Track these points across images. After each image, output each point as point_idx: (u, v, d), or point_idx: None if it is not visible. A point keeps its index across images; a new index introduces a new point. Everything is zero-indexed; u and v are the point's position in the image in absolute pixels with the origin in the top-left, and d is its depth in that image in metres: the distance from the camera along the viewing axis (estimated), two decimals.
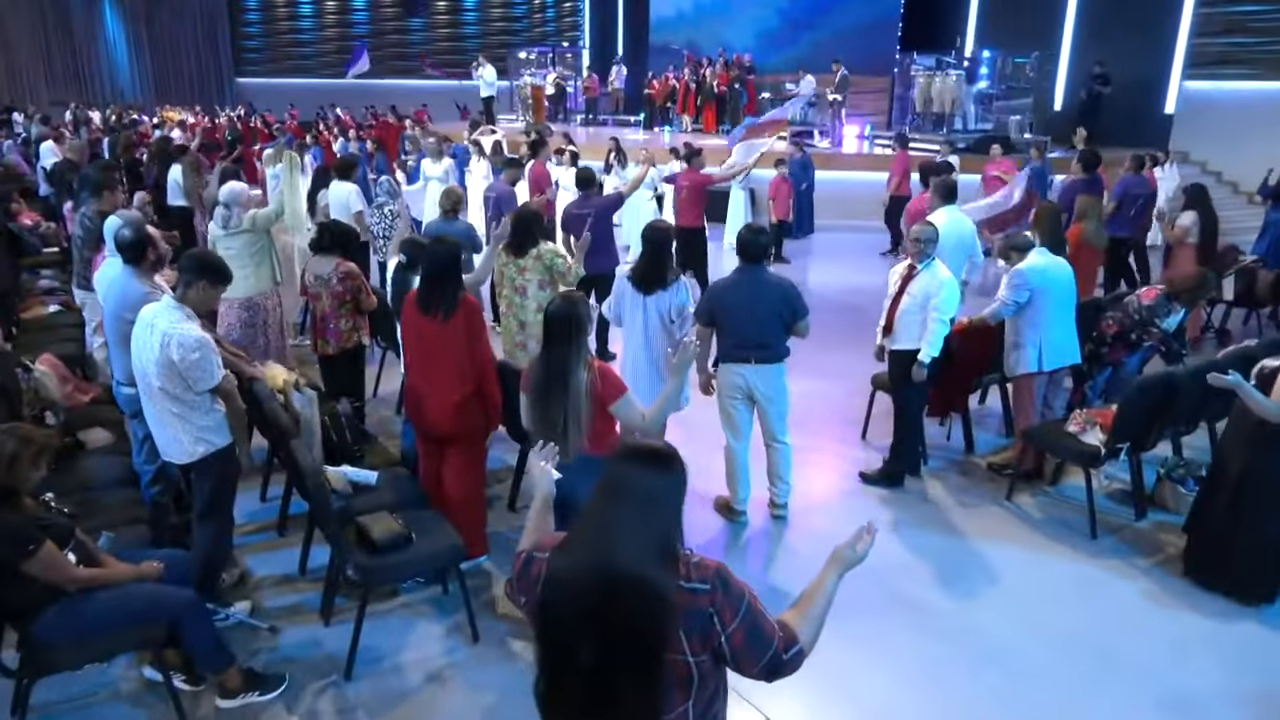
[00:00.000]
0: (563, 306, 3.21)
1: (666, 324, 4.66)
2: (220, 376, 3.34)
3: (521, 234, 5.34)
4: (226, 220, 5.51)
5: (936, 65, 16.53)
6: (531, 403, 3.29)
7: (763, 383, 4.46)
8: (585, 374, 3.19)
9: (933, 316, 4.74)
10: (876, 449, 5.67)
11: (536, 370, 3.28)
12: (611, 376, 3.27)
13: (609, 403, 3.24)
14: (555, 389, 3.18)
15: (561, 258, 5.34)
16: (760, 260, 4.42)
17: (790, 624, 1.87)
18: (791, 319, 4.41)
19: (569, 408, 3.16)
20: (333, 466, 3.95)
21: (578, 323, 3.19)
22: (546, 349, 3.25)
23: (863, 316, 8.66)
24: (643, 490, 1.74)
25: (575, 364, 3.17)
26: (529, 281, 5.35)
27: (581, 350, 3.21)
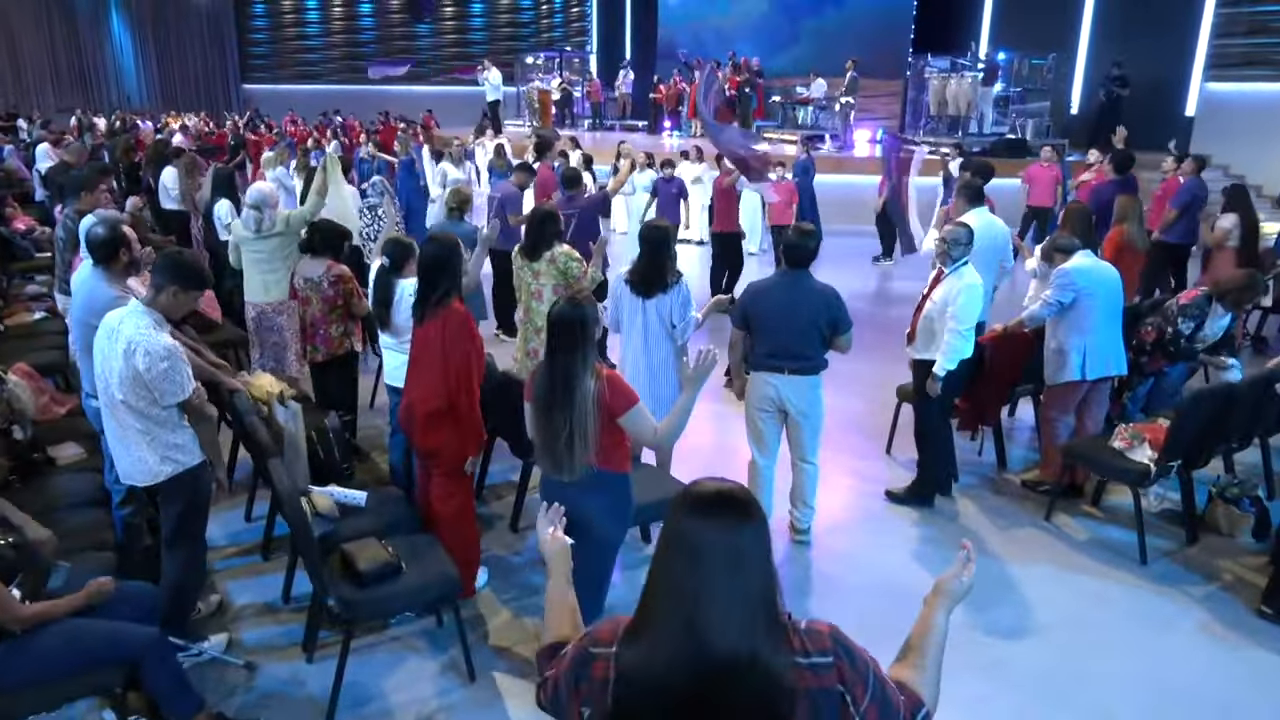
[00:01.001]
0: (568, 309, 2.92)
1: (667, 329, 4.36)
2: (191, 389, 3.03)
3: (535, 236, 5.04)
4: (259, 222, 5.17)
5: (951, 67, 16.20)
6: (535, 413, 3.01)
7: (796, 396, 4.14)
8: (592, 383, 2.89)
9: (949, 326, 4.43)
10: (902, 464, 5.33)
11: (540, 378, 2.99)
12: (621, 386, 2.98)
13: (618, 414, 2.94)
14: (559, 398, 2.89)
15: (576, 261, 5.03)
16: (805, 265, 4.10)
17: (908, 683, 1.56)
18: (832, 330, 4.09)
19: (574, 419, 2.86)
20: (319, 486, 3.63)
21: (584, 327, 2.90)
22: (550, 355, 2.96)
23: (880, 322, 8.38)
24: (726, 548, 1.38)
25: (581, 371, 2.88)
26: (544, 286, 5.06)
27: (588, 357, 2.91)
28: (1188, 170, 8.05)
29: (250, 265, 5.21)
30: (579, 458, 2.87)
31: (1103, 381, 4.79)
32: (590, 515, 2.95)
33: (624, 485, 3.09)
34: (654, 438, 2.99)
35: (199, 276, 3.16)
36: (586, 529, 2.94)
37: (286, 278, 5.12)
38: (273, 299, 5.15)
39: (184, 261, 3.13)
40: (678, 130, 19.46)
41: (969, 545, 1.78)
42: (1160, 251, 7.79)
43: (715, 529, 1.39)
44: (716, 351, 2.91)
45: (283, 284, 5.13)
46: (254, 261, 5.16)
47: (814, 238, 4.12)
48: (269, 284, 5.14)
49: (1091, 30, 17.31)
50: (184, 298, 3.11)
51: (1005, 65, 16.01)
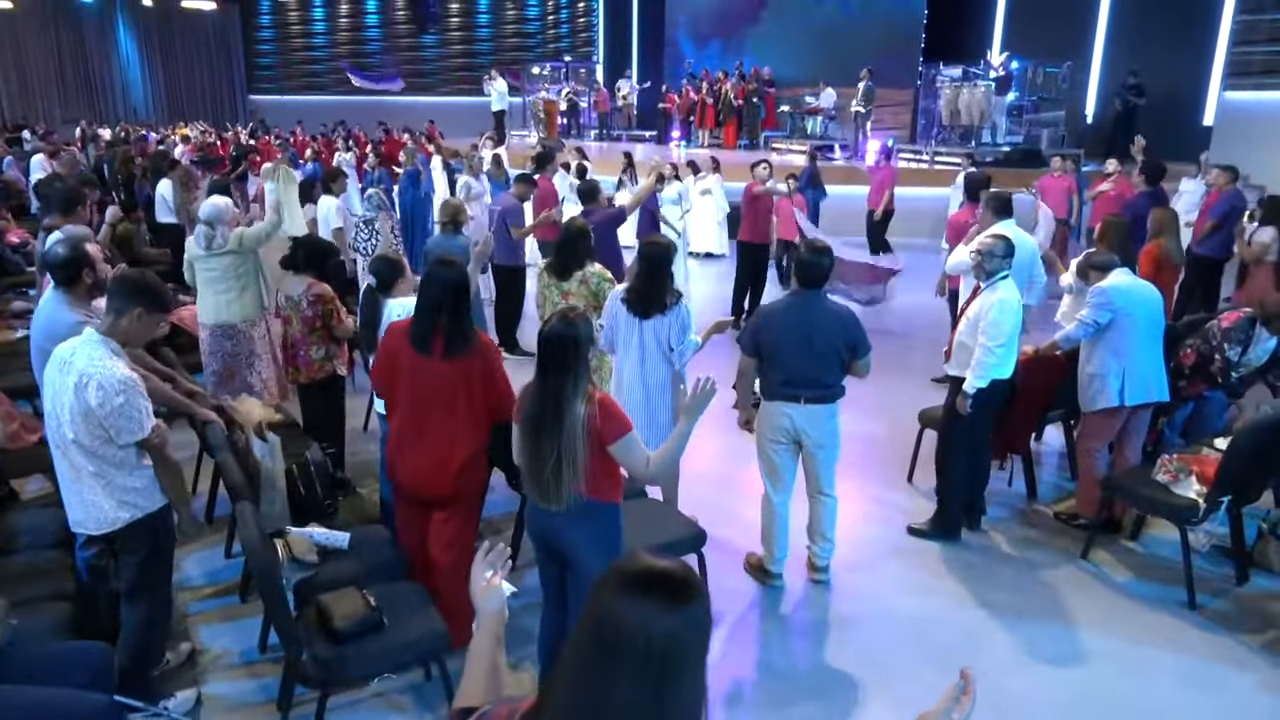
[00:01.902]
0: (559, 327, 2.69)
1: (665, 352, 4.07)
2: (149, 427, 2.75)
3: (567, 254, 4.79)
4: (210, 239, 4.95)
5: (964, 76, 15.91)
6: (522, 436, 2.78)
7: (813, 426, 3.83)
8: (583, 407, 2.67)
9: (980, 342, 4.17)
10: (924, 494, 5.01)
11: (529, 399, 2.76)
12: (614, 412, 2.74)
13: (609, 441, 2.71)
14: (548, 422, 2.68)
15: (609, 282, 4.76)
16: (819, 285, 3.81)
17: None
18: (850, 355, 3.80)
19: (562, 444, 2.66)
20: (297, 527, 3.34)
21: (577, 346, 2.68)
22: (540, 375, 2.74)
23: (897, 342, 8.06)
24: (650, 645, 1.12)
25: (572, 394, 2.67)
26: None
27: (580, 379, 2.69)
28: (1221, 181, 7.73)
29: (204, 284, 4.97)
30: (566, 486, 2.67)
31: (1142, 408, 4.47)
32: (577, 547, 2.79)
33: (613, 517, 2.87)
34: (646, 470, 2.76)
35: (163, 297, 2.88)
36: (574, 562, 2.79)
37: (242, 299, 4.90)
38: (224, 320, 4.92)
39: (145, 282, 2.85)
40: (685, 141, 19.21)
41: (969, 675, 1.43)
42: (1194, 265, 7.48)
43: (636, 616, 1.12)
44: (715, 380, 2.65)
45: (235, 305, 4.91)
46: (206, 280, 4.92)
47: (829, 255, 3.82)
48: (220, 304, 4.91)
49: (1106, 38, 17.03)
50: (148, 321, 2.84)
51: (1019, 74, 15.70)
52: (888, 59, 17.96)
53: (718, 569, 3.99)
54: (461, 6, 30.38)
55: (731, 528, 4.50)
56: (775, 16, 20.25)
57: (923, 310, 9.55)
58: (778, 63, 19.25)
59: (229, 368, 5.11)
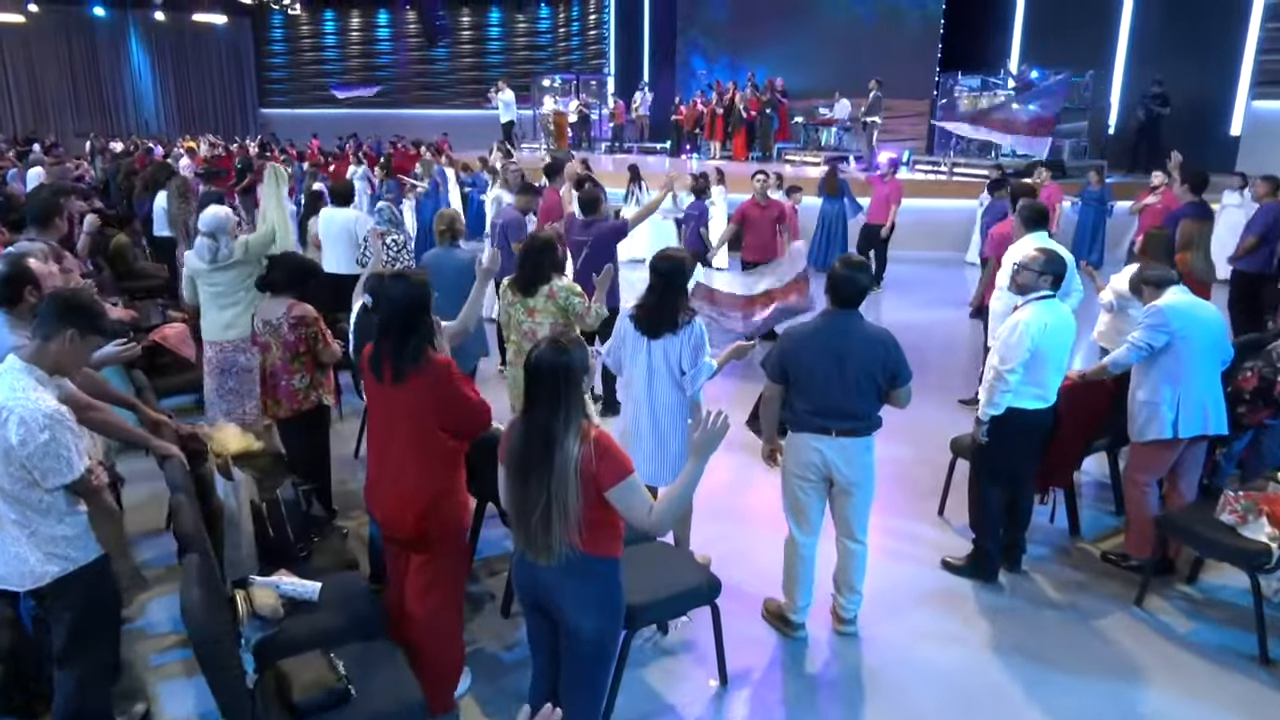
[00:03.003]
0: (549, 354, 2.36)
1: (676, 375, 3.70)
2: (80, 468, 2.41)
3: (530, 268, 4.44)
4: (214, 251, 4.64)
5: (983, 86, 15.53)
6: (507, 479, 2.43)
7: (845, 462, 3.45)
8: (576, 446, 2.31)
9: (990, 364, 3.86)
10: (957, 530, 4.62)
11: (515, 436, 2.41)
12: (612, 452, 2.38)
13: (606, 486, 2.35)
14: (536, 463, 2.33)
15: (579, 296, 4.41)
16: (855, 304, 3.43)
17: None
18: (889, 383, 3.41)
19: (552, 489, 2.31)
20: (263, 577, 2.98)
21: (569, 376, 2.34)
22: (528, 409, 2.39)
23: (921, 358, 7.65)
24: None
25: (563, 431, 2.32)
26: (539, 325, 4.44)
27: (573, 413, 2.34)
28: (1261, 193, 7.32)
29: (208, 300, 4.67)
30: (557, 537, 2.31)
31: (1198, 440, 4.07)
32: (570, 608, 2.41)
33: (611, 573, 2.48)
34: (649, 519, 2.37)
35: (99, 318, 2.56)
36: (566, 624, 2.41)
37: (250, 311, 4.57)
38: (234, 336, 4.63)
39: (77, 300, 2.53)
40: (696, 153, 18.91)
41: None
42: (1246, 282, 7.06)
43: None
44: (727, 416, 2.28)
45: (245, 318, 4.59)
46: (212, 296, 4.62)
47: (866, 271, 3.45)
48: (229, 320, 4.62)
49: (1129, 47, 16.62)
50: (82, 346, 2.52)
51: (1039, 83, 15.30)
52: (903, 69, 17.61)
53: (733, 616, 3.62)
54: (472, 19, 30.31)
55: (747, 567, 4.12)
56: (789, 27, 19.93)
57: (949, 325, 9.17)
58: (791, 73, 18.92)
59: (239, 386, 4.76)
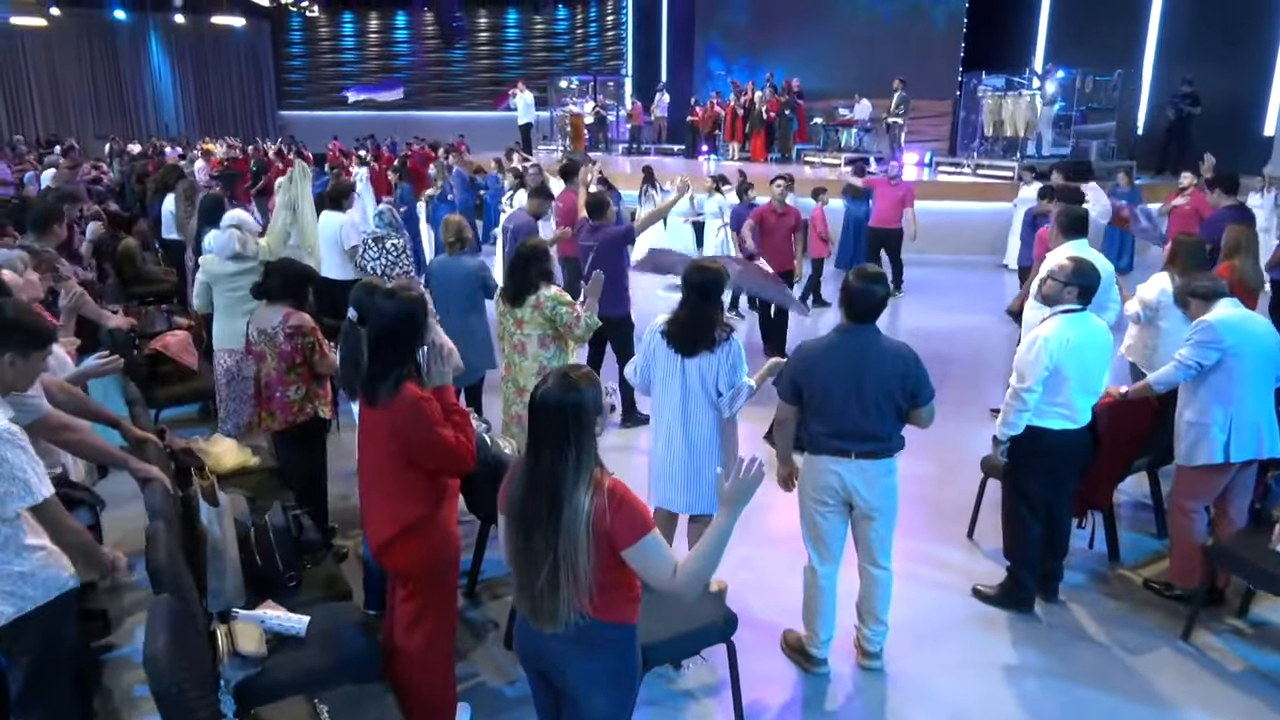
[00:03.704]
0: (556, 391, 2.06)
1: (711, 396, 3.48)
2: (44, 492, 2.23)
3: (518, 277, 4.26)
4: (244, 244, 4.55)
5: (1008, 86, 15.20)
6: (508, 533, 2.16)
7: (866, 486, 3.22)
8: (588, 498, 2.03)
9: (1011, 380, 3.64)
10: (988, 553, 4.38)
11: (516, 484, 2.14)
12: (629, 505, 2.09)
13: (622, 545, 2.06)
14: (541, 517, 2.05)
15: (566, 305, 4.21)
16: (872, 318, 3.21)
17: None
18: (910, 401, 3.19)
19: (559, 548, 2.02)
20: (247, 611, 2.79)
21: (579, 416, 2.05)
22: (531, 455, 2.11)
23: (950, 367, 7.40)
24: None
25: (573, 481, 2.04)
26: (528, 337, 4.26)
27: (584, 460, 2.05)
28: None
29: (227, 306, 4.55)
30: (565, 603, 2.03)
31: (1250, 463, 3.80)
32: (578, 682, 2.14)
33: (627, 643, 2.21)
34: (671, 583, 2.08)
35: (38, 333, 2.39)
36: (573, 699, 2.14)
37: None
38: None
39: (19, 318, 2.37)
40: (714, 155, 18.67)
41: None
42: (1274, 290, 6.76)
43: None
44: (763, 465, 2.04)
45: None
46: (232, 301, 4.50)
47: (882, 283, 3.21)
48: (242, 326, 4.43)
49: (1158, 45, 16.22)
50: (25, 366, 2.36)
51: (1066, 83, 14.97)
52: (925, 69, 17.30)
53: (751, 649, 3.40)
54: (489, 21, 30.26)
55: (767, 595, 3.90)
56: (808, 26, 19.64)
57: (977, 331, 8.90)
58: (810, 74, 18.65)
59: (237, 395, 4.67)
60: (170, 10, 27.12)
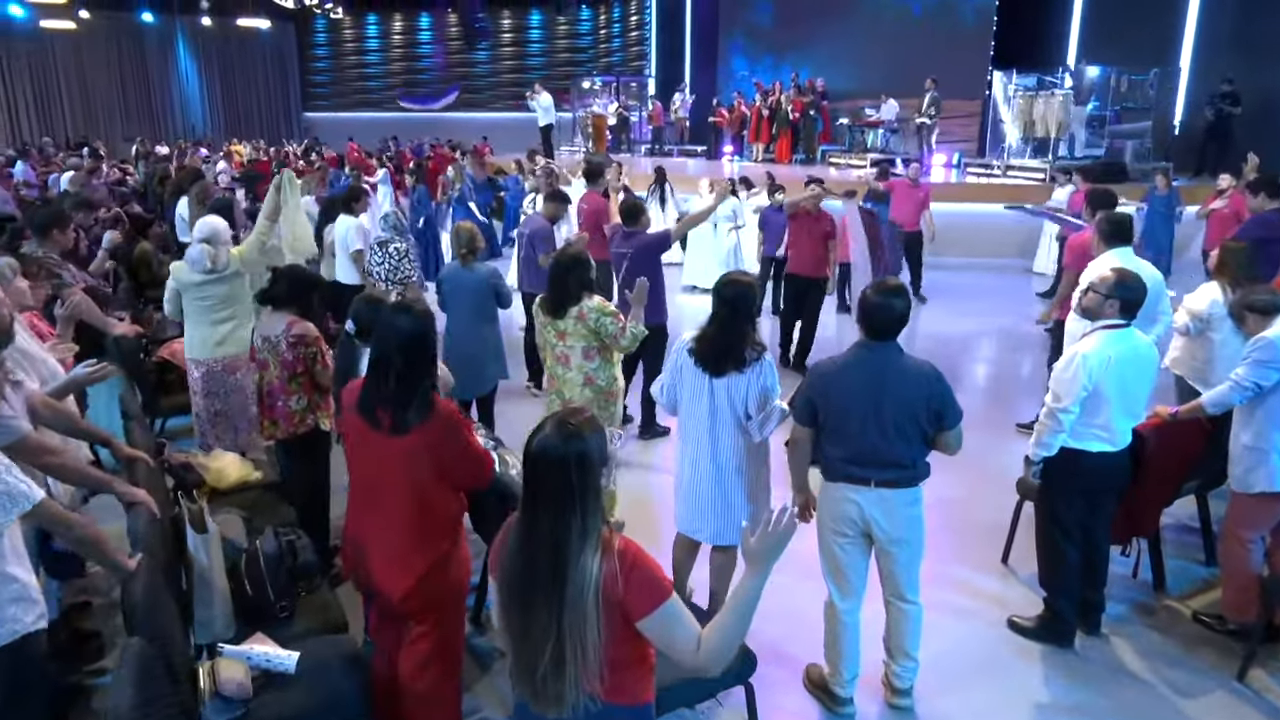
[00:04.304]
0: (554, 440, 1.81)
1: (740, 419, 3.27)
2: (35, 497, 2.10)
3: (559, 287, 4.08)
4: (214, 259, 4.46)
5: (1039, 85, 14.84)
6: (502, 603, 1.90)
7: (887, 516, 3.00)
8: (596, 562, 1.79)
9: (1046, 398, 3.42)
10: (1024, 580, 4.13)
11: (511, 548, 1.88)
12: (643, 568, 1.83)
13: (637, 615, 1.81)
14: (541, 586, 1.80)
15: (610, 316, 4.04)
16: (892, 335, 2.99)
17: None
18: (936, 425, 2.97)
19: (564, 623, 1.76)
20: (233, 645, 2.62)
21: (583, 468, 1.80)
22: (528, 514, 1.85)
23: (971, 381, 7.14)
24: None
25: (578, 543, 1.78)
26: (571, 349, 4.10)
27: (589, 519, 1.79)
28: None
29: (197, 315, 4.43)
30: (572, 684, 1.77)
31: None
32: None
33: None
34: (694, 657, 1.83)
35: None
36: None
37: (243, 327, 4.37)
38: (224, 354, 4.42)
39: None
40: (739, 155, 18.43)
41: None
42: None
43: None
44: (795, 513, 1.83)
45: (238, 335, 4.38)
46: (202, 310, 4.38)
47: (903, 296, 2.99)
48: (222, 335, 4.41)
49: (1196, 42, 15.75)
50: None
51: (1100, 82, 14.58)
52: (954, 68, 16.93)
53: (771, 685, 3.21)
54: (513, 22, 30.19)
55: (790, 623, 3.68)
56: (833, 26, 19.34)
57: (1005, 338, 8.62)
58: (836, 74, 18.37)
59: (228, 409, 4.58)
60: (197, 13, 27.29)
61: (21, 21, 24.57)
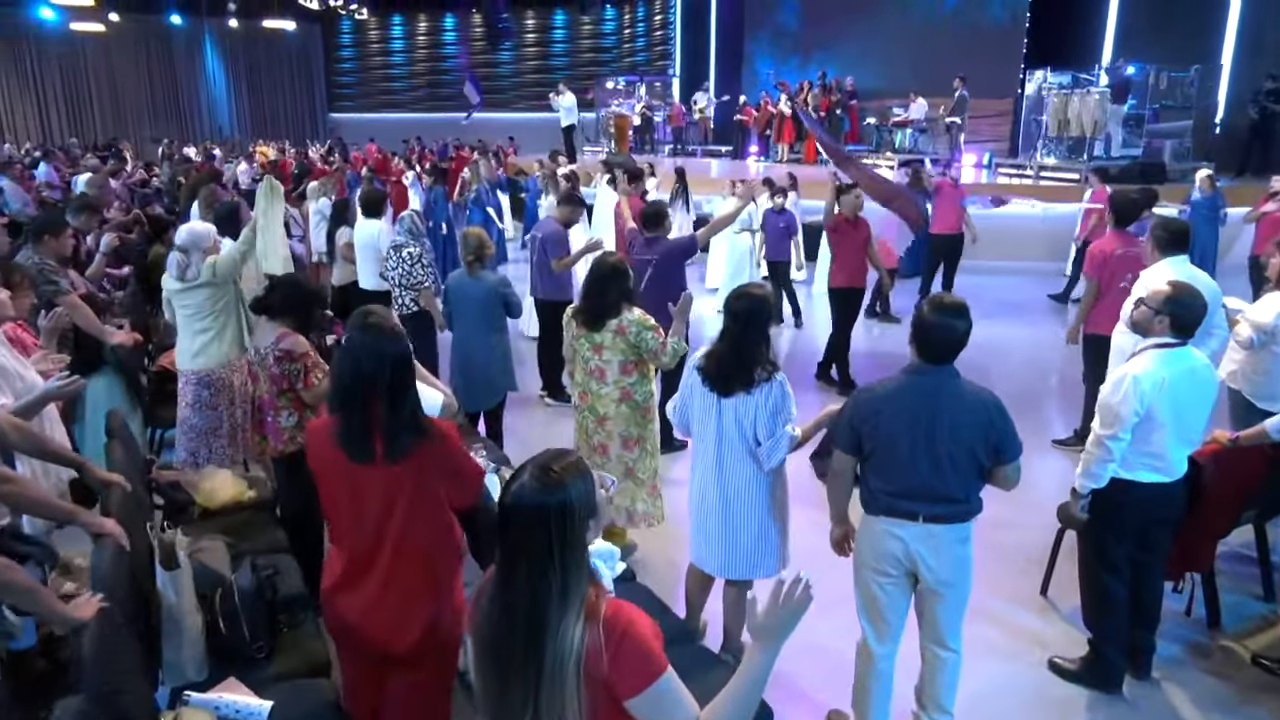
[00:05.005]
0: (531, 490, 1.58)
1: (750, 444, 3.02)
2: None
3: (596, 298, 3.86)
4: (184, 269, 4.30)
5: (1074, 83, 14.39)
6: (478, 666, 1.67)
7: (935, 555, 2.73)
8: (579, 631, 1.55)
9: (1093, 424, 3.13)
10: (1066, 615, 3.84)
11: (486, 609, 1.64)
12: (633, 640, 1.59)
13: (625, 694, 1.57)
14: (517, 655, 1.57)
15: (651, 330, 3.81)
16: (949, 358, 2.71)
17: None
18: (994, 458, 2.69)
19: (541, 699, 1.53)
20: (200, 695, 2.41)
21: (565, 523, 1.56)
22: (504, 570, 1.62)
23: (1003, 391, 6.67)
24: None
25: (558, 610, 1.55)
26: (607, 364, 3.87)
27: (571, 580, 1.56)
28: None
29: (181, 324, 4.38)
30: None
31: None
32: None
33: None
34: None
35: None
36: None
37: (222, 339, 4.28)
38: (199, 366, 4.30)
39: None
40: (764, 156, 18.12)
41: None
42: None
43: None
44: (811, 584, 1.58)
45: (214, 348, 4.28)
46: (183, 319, 4.34)
47: (965, 317, 2.70)
48: (198, 347, 4.29)
49: (1238, 38, 15.22)
50: None
51: (1138, 79, 14.10)
52: (985, 66, 16.53)
53: None
54: (537, 22, 30.07)
55: (813, 661, 3.41)
56: (861, 24, 18.98)
57: (1036, 345, 8.26)
58: (863, 72, 18.00)
59: (211, 424, 4.42)
60: (224, 15, 27.46)
61: (53, 24, 24.84)
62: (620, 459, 3.95)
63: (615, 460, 3.95)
